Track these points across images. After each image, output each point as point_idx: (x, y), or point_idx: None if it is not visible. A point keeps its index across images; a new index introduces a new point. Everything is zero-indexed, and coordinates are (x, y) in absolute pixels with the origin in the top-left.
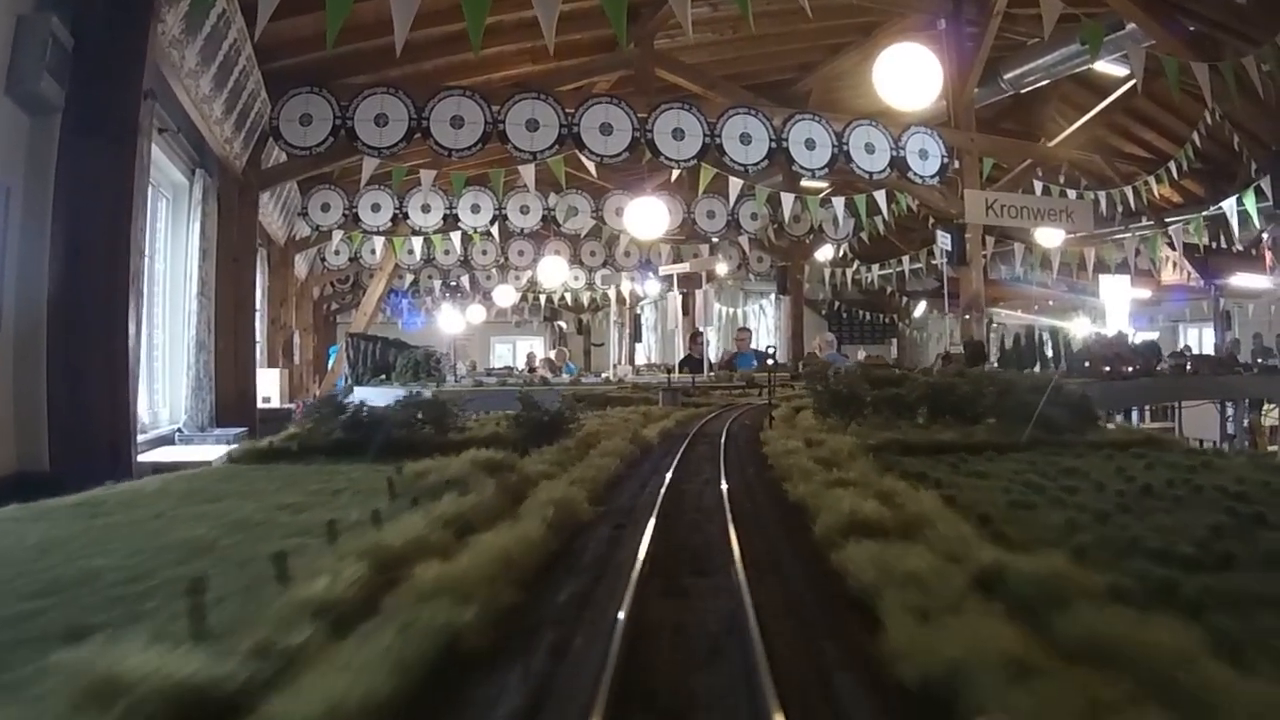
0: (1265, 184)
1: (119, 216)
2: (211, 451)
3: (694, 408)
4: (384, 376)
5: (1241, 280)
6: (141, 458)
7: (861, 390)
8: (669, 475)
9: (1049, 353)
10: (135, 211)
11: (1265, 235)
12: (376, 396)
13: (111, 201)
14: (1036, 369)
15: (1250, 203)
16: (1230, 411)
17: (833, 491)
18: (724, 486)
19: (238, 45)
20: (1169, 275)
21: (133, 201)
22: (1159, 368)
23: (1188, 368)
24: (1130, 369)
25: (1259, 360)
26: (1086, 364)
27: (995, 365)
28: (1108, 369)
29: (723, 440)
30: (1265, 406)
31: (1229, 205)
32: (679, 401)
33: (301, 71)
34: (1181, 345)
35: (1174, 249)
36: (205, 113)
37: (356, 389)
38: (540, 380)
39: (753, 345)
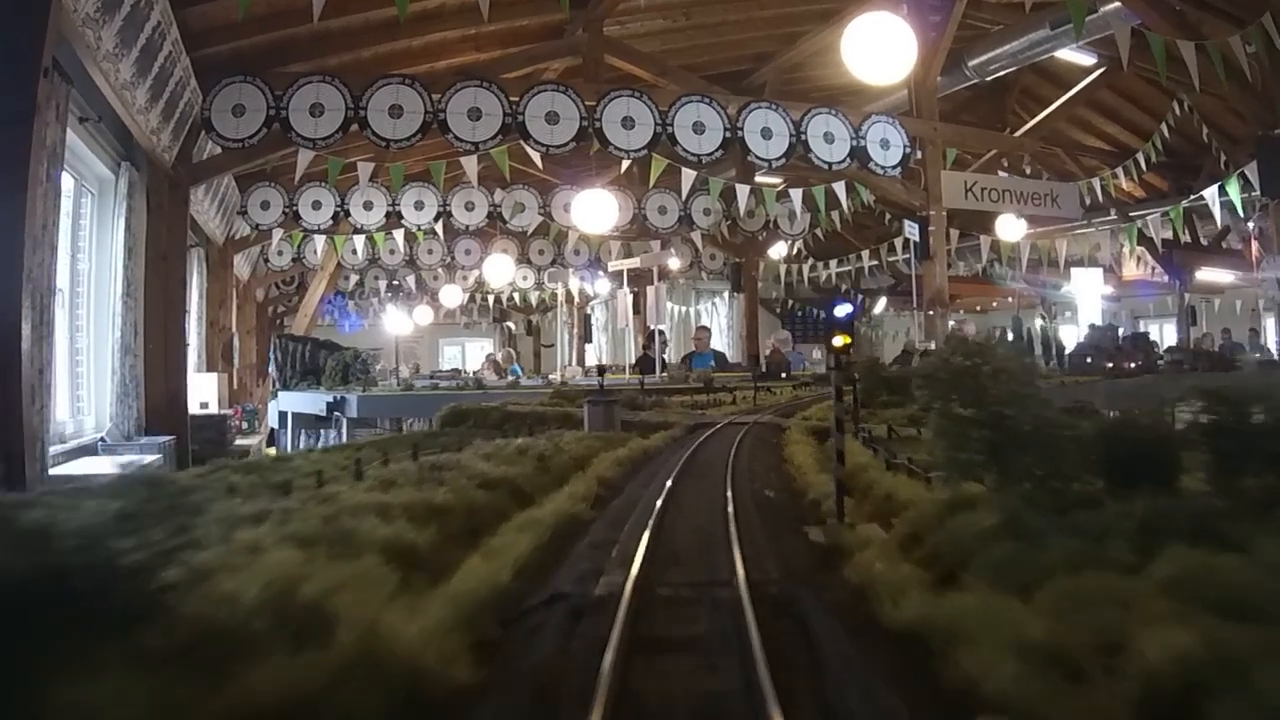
0: (1250, 171)
1: (13, 204)
2: (140, 461)
3: (642, 435)
4: (313, 379)
5: (1207, 275)
6: (60, 469)
7: (1068, 427)
8: None
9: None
10: (36, 200)
11: (1251, 225)
12: (301, 402)
13: (6, 188)
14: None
15: (1234, 191)
16: None
17: None
18: None
19: (162, 28)
20: (1131, 270)
21: (29, 188)
22: (1159, 364)
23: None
24: (1132, 365)
25: (1238, 356)
26: (1088, 359)
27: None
28: (1110, 365)
29: None
30: None
31: (1211, 194)
32: (617, 421)
33: (234, 59)
34: None
35: (1154, 241)
36: (127, 100)
37: (282, 394)
38: (476, 383)
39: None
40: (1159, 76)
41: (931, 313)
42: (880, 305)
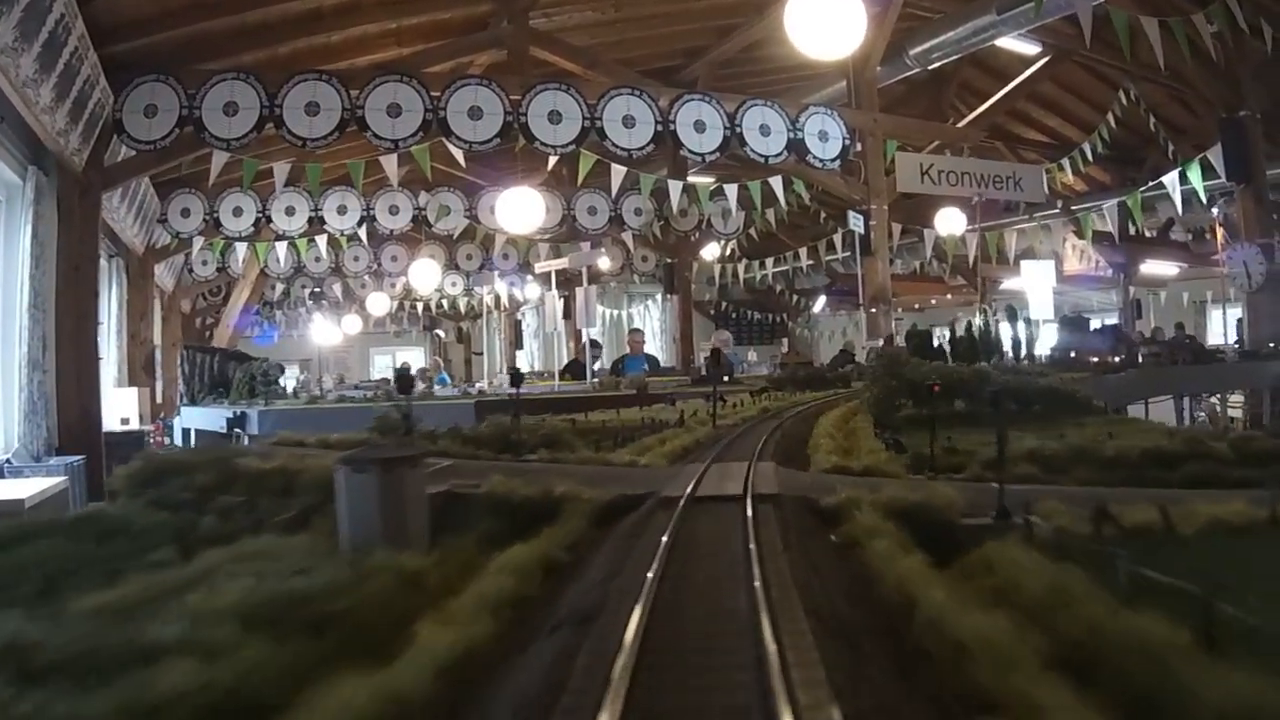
0: (1214, 155)
1: None
2: (40, 484)
3: (457, 570)
4: (222, 393)
5: (1151, 267)
6: None
7: None
8: None
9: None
10: None
11: (1215, 210)
12: (203, 419)
13: None
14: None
15: (1195, 177)
16: (1187, 401)
17: None
18: None
19: (66, 21)
20: (1073, 264)
21: None
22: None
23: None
24: (1116, 359)
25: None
26: (1072, 354)
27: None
28: (1095, 360)
29: None
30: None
31: (1171, 180)
32: (417, 513)
33: (147, 57)
34: None
35: (1113, 233)
36: (30, 99)
37: (184, 409)
38: (386, 395)
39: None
40: (1105, 63)
41: (874, 310)
42: (819, 304)
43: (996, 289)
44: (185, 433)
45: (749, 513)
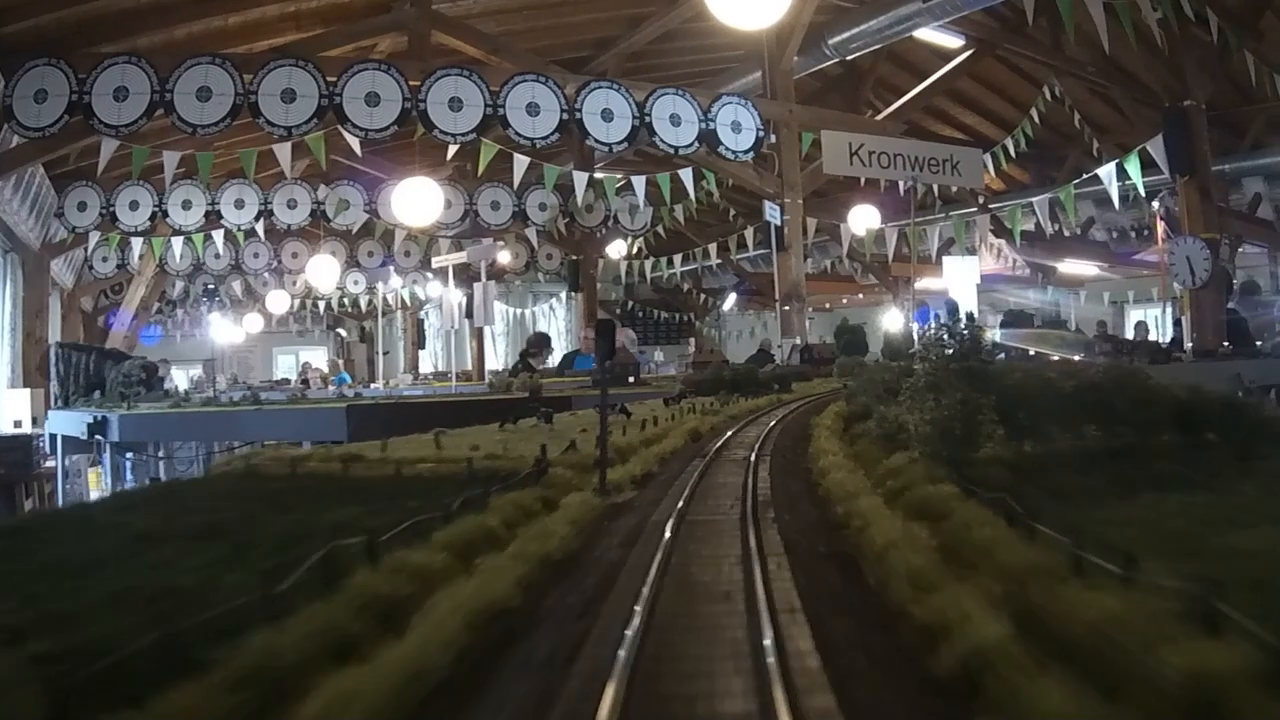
0: (1153, 147)
1: None
2: None
3: None
4: (100, 394)
5: (1071, 267)
6: None
7: None
8: None
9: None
10: None
11: (1156, 204)
12: (68, 423)
13: None
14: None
15: (1134, 169)
16: None
17: None
18: None
19: None
20: (989, 263)
21: None
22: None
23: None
24: (1076, 358)
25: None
26: (1032, 353)
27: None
28: (1056, 360)
29: None
30: None
31: (1107, 174)
32: None
33: (39, 39)
34: None
35: (1043, 231)
36: None
37: (53, 413)
38: (253, 398)
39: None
40: (1028, 56)
41: (788, 307)
42: (729, 302)
43: (909, 288)
44: (53, 439)
45: None
